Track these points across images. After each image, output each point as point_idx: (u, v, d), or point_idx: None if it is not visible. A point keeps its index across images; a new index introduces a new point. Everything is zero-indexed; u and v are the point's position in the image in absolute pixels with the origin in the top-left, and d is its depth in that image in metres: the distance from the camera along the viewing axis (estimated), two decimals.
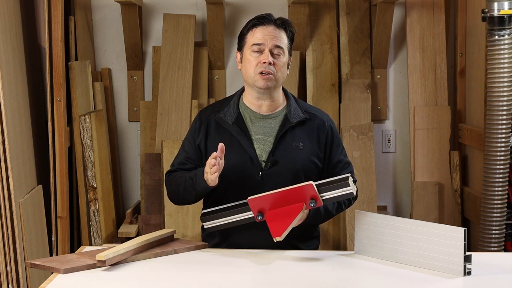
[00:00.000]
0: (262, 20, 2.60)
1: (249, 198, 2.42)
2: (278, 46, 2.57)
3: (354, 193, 2.41)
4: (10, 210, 3.13)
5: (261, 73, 2.55)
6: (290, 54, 2.64)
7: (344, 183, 2.39)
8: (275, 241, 2.34)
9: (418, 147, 3.90)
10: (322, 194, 2.40)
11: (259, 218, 2.41)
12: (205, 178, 2.47)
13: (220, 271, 2.28)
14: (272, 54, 2.56)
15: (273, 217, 2.39)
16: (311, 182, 2.38)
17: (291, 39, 2.64)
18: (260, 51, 2.56)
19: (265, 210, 2.41)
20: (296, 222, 2.39)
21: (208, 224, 2.56)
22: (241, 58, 2.64)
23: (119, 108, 4.11)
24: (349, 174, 2.44)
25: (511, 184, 3.43)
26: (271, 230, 2.36)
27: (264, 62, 2.54)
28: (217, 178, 2.45)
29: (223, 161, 2.44)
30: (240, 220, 2.48)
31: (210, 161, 2.42)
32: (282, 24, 2.61)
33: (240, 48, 2.65)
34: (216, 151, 2.48)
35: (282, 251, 2.48)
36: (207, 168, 2.45)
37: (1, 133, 3.10)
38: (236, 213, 2.49)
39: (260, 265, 2.33)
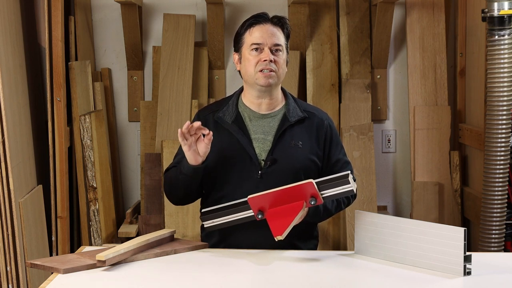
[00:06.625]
0: (259, 19, 2.60)
1: (249, 196, 2.41)
2: (277, 44, 2.57)
3: (355, 190, 2.40)
4: (10, 210, 3.13)
5: (261, 70, 2.55)
6: (287, 51, 2.64)
7: (344, 180, 2.38)
8: (276, 240, 2.33)
9: (418, 147, 3.90)
10: (322, 192, 2.39)
11: (260, 216, 2.41)
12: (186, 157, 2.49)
13: (220, 271, 2.28)
14: (271, 52, 2.56)
15: (274, 215, 2.39)
16: (311, 180, 2.37)
17: (287, 36, 2.64)
18: (260, 50, 2.57)
19: (265, 208, 2.40)
20: (297, 220, 2.39)
21: (208, 223, 2.55)
22: (239, 58, 2.63)
23: (119, 108, 4.11)
24: (349, 172, 2.43)
25: (511, 184, 3.43)
26: (272, 229, 2.35)
27: (265, 60, 2.54)
28: (197, 156, 2.45)
29: (205, 144, 2.44)
30: (240, 218, 2.47)
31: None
32: (278, 21, 2.61)
33: (238, 49, 2.64)
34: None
35: (282, 251, 2.48)
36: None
37: (1, 133, 3.10)
38: (236, 211, 2.48)
39: (260, 265, 2.33)
